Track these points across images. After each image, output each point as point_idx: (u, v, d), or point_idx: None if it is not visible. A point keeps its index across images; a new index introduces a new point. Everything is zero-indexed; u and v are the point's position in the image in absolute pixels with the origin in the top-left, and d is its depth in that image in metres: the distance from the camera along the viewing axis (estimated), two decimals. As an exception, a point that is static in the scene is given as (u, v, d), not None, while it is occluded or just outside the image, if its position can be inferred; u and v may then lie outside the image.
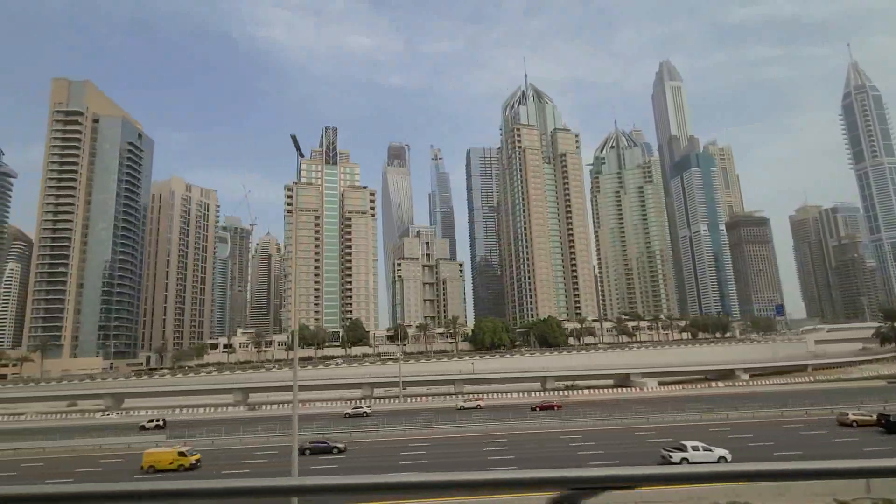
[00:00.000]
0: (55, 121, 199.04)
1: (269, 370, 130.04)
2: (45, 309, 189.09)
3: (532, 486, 2.79)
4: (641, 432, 60.18)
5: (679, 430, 58.39)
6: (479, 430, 63.28)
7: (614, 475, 2.78)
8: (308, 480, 2.74)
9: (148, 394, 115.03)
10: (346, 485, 2.69)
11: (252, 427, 68.63)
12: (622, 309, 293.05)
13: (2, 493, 2.61)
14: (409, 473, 2.67)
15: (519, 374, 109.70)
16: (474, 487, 2.83)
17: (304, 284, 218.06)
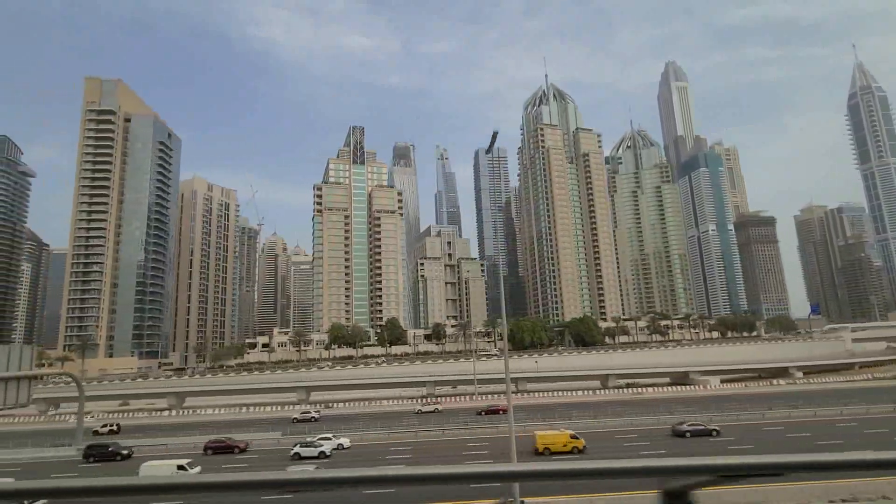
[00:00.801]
0: (88, 120, 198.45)
1: (332, 368, 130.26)
2: (80, 308, 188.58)
3: (638, 474, 2.82)
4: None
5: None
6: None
7: (725, 464, 2.76)
8: (301, 474, 2.74)
9: (210, 392, 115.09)
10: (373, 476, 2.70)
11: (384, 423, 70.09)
12: (640, 308, 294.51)
13: (6, 487, 2.65)
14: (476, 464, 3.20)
15: (582, 371, 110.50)
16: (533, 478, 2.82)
17: (335, 284, 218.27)
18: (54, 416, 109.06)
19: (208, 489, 2.74)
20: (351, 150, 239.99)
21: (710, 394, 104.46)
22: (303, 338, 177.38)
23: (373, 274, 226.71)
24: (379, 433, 64.29)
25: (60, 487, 2.72)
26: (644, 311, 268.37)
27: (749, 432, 58.65)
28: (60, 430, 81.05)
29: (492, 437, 60.38)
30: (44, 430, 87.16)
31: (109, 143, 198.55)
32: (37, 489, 2.70)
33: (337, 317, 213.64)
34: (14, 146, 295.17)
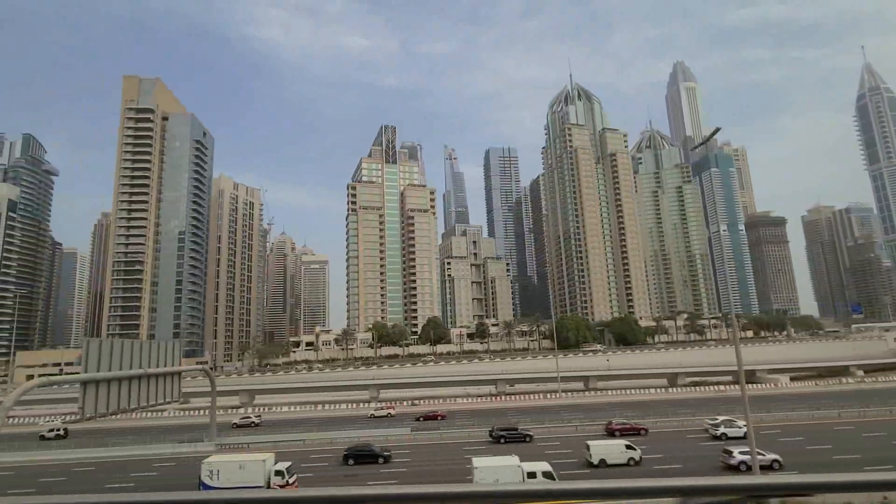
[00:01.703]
0: (127, 118, 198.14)
1: (403, 366, 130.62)
2: (122, 307, 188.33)
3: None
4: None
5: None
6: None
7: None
8: (309, 492, 2.64)
9: (283, 390, 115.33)
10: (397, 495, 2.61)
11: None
12: (660, 308, 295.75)
13: None
14: None
15: (649, 370, 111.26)
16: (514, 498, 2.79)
17: (371, 282, 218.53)
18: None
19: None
20: (383, 149, 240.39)
21: (779, 392, 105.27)
22: (349, 336, 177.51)
23: (407, 273, 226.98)
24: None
25: None
26: (665, 311, 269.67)
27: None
28: (180, 426, 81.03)
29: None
30: (159, 426, 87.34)
31: (148, 141, 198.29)
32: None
33: (373, 315, 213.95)
34: (38, 144, 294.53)
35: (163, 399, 53.17)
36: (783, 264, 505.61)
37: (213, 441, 62.41)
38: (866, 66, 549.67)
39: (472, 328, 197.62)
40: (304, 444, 61.35)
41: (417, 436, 64.32)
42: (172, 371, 55.35)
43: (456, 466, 45.24)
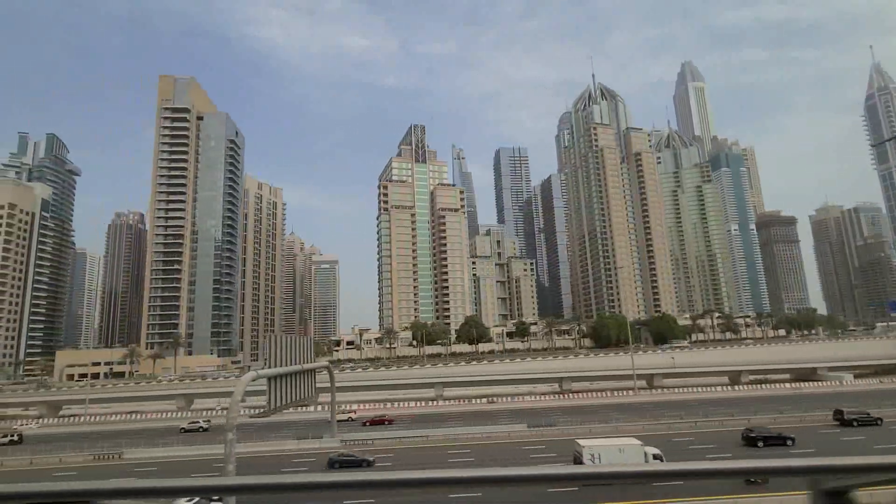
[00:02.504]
0: (163, 118, 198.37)
1: (468, 364, 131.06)
2: (161, 307, 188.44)
3: None
4: None
5: None
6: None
7: None
8: (300, 478, 2.75)
9: (353, 388, 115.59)
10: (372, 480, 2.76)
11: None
12: (681, 307, 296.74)
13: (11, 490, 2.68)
14: None
15: (711, 368, 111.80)
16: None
17: (404, 282, 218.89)
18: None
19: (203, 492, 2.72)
20: (413, 148, 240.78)
21: (848, 390, 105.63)
22: (392, 335, 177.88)
23: (438, 272, 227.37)
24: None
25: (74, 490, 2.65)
26: (685, 310, 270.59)
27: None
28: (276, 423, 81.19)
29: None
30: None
31: (185, 140, 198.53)
32: (32, 492, 2.64)
33: (407, 315, 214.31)
34: (61, 144, 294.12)
35: (307, 395, 53.57)
36: (794, 264, 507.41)
37: (335, 437, 62.85)
38: (875, 65, 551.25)
39: (512, 327, 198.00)
40: (427, 441, 61.77)
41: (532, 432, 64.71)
42: (318, 366, 55.96)
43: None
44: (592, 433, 61.59)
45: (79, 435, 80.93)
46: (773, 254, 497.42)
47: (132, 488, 2.68)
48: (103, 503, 2.73)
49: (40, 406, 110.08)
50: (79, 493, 2.66)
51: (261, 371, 40.22)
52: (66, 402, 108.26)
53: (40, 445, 66.42)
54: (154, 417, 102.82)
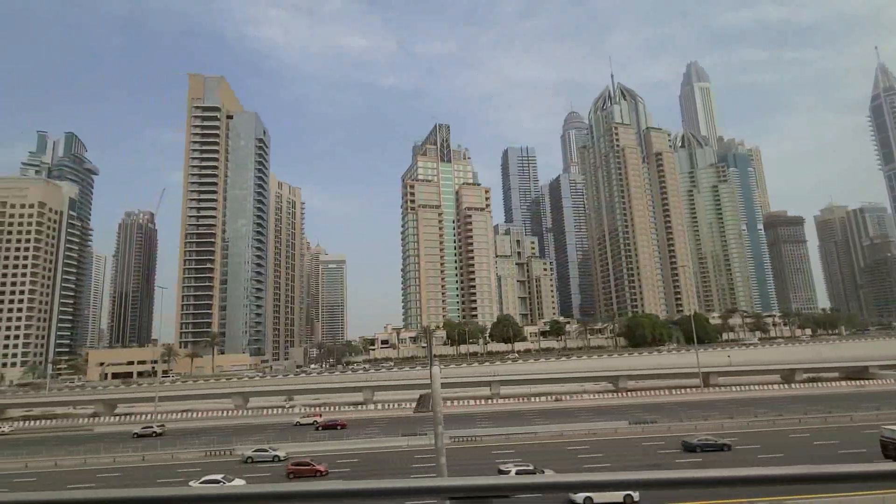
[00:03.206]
0: (194, 116, 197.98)
1: (525, 362, 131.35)
2: (195, 305, 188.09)
3: None
4: None
5: None
6: None
7: None
8: (308, 486, 2.73)
9: (400, 387, 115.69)
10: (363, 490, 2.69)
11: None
12: (699, 306, 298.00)
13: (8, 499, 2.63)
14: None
15: (765, 366, 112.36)
16: None
17: (432, 281, 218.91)
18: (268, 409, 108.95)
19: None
20: (438, 147, 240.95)
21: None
22: (428, 334, 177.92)
23: (464, 271, 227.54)
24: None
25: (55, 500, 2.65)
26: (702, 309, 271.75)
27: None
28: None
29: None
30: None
31: (215, 139, 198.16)
32: (31, 501, 2.65)
33: (434, 314, 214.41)
34: (80, 143, 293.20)
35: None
36: (801, 264, 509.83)
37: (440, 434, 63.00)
38: (880, 66, 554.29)
39: (545, 326, 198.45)
40: (537, 437, 62.10)
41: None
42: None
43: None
44: (698, 429, 62.09)
45: None
46: (780, 254, 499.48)
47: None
48: None
49: (97, 404, 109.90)
50: None
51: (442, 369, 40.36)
52: (134, 399, 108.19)
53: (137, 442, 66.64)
54: (214, 416, 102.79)
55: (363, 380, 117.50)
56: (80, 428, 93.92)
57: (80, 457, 59.59)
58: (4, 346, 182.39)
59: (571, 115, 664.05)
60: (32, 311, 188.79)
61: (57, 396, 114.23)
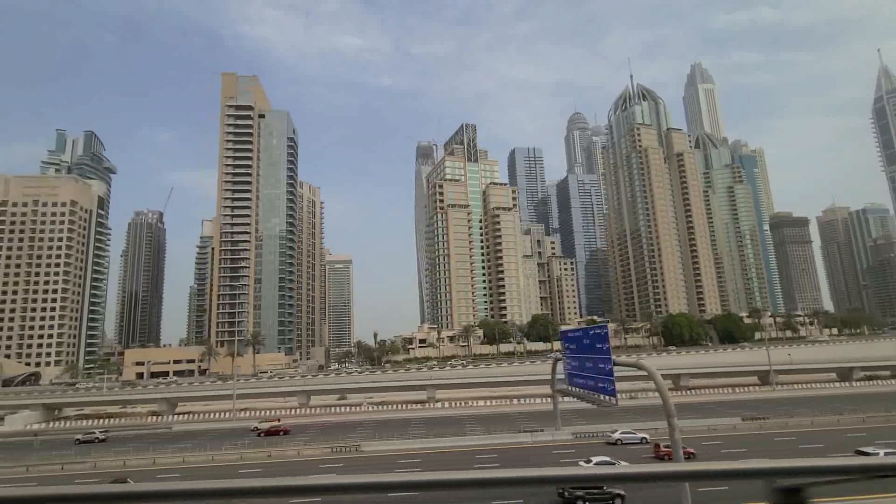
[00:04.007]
0: (227, 115, 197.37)
1: None
2: (230, 304, 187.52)
3: None
4: None
5: None
6: None
7: None
8: (305, 480, 2.75)
9: (460, 385, 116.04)
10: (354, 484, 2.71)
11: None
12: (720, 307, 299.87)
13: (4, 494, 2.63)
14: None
15: (825, 364, 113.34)
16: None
17: (462, 280, 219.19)
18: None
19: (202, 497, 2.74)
20: (465, 147, 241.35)
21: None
22: (470, 333, 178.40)
23: (492, 271, 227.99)
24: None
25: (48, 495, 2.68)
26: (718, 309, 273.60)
27: None
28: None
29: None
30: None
31: (249, 139, 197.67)
32: (31, 496, 2.68)
33: (465, 314, 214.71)
34: (98, 141, 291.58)
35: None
36: (807, 264, 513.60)
37: (560, 430, 63.57)
38: (883, 69, 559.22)
39: (583, 325, 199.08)
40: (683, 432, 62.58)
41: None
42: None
43: None
44: (790, 426, 62.98)
45: (216, 432, 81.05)
46: (785, 254, 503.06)
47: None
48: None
49: (161, 402, 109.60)
50: None
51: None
52: (208, 397, 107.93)
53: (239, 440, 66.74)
54: (282, 414, 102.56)
55: (426, 378, 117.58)
56: (157, 426, 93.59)
57: (206, 453, 59.60)
58: (38, 345, 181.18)
59: (575, 116, 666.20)
60: (65, 311, 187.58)
61: (125, 394, 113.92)
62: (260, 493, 2.73)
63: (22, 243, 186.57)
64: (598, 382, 46.09)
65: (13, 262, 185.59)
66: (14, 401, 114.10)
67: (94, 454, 60.24)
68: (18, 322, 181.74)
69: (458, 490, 2.83)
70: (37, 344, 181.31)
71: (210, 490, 2.71)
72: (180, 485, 2.70)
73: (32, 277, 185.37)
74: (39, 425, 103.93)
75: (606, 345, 43.93)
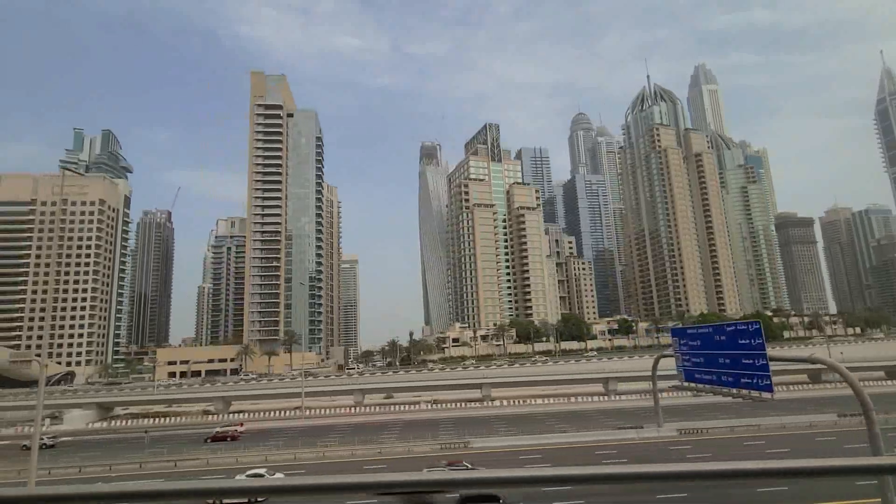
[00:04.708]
0: (257, 115, 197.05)
1: (640, 358, 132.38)
2: (261, 304, 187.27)
3: None
4: None
5: None
6: None
7: None
8: (288, 481, 2.74)
9: (513, 384, 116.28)
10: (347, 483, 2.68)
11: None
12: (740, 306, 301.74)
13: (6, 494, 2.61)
14: None
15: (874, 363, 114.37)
16: None
17: (489, 280, 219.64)
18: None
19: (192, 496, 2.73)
20: (488, 147, 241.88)
21: None
22: (504, 332, 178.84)
23: (517, 270, 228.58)
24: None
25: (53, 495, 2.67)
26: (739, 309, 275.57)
27: None
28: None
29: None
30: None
31: (279, 137, 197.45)
32: (30, 496, 2.66)
33: (492, 313, 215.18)
34: (115, 140, 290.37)
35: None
36: (812, 264, 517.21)
37: (662, 426, 64.00)
38: (886, 70, 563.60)
39: (614, 324, 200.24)
40: (786, 429, 63.40)
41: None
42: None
43: None
44: None
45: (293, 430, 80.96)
46: (791, 254, 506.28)
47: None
48: None
49: (217, 402, 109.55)
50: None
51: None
52: (274, 395, 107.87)
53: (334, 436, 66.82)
54: (345, 413, 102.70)
55: (480, 376, 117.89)
56: (227, 424, 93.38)
57: (317, 450, 59.72)
58: (69, 344, 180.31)
59: (579, 117, 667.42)
60: (95, 310, 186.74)
61: (181, 393, 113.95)
62: None
63: (51, 242, 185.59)
64: (742, 378, 46.58)
65: (42, 260, 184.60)
66: (70, 399, 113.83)
67: (226, 451, 60.27)
68: (49, 321, 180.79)
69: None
70: (67, 343, 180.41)
71: (209, 489, 2.67)
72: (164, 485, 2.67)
73: (62, 277, 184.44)
74: (100, 423, 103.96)
75: (759, 340, 44.41)
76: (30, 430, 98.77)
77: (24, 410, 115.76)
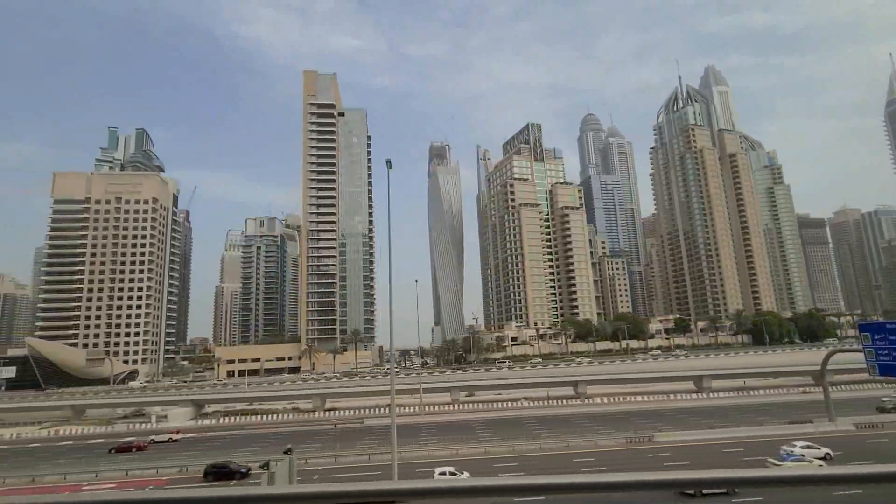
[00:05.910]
0: (310, 113, 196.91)
1: (736, 356, 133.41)
2: (318, 303, 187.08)
3: None
4: None
5: None
6: None
7: None
8: (302, 488, 2.66)
9: (606, 381, 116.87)
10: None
11: None
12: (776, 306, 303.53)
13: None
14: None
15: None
16: None
17: (537, 279, 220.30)
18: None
19: None
20: (531, 146, 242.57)
21: None
22: (564, 331, 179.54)
23: (562, 269, 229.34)
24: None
25: None
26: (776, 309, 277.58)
27: None
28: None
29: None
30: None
31: (332, 137, 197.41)
32: None
33: (539, 313, 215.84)
34: (149, 139, 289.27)
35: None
36: (825, 265, 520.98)
37: (834, 420, 64.61)
38: (895, 72, 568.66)
39: (669, 324, 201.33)
40: None
41: None
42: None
43: None
44: None
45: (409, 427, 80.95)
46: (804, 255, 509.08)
47: (440, 488, 2.64)
48: None
49: (315, 399, 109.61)
50: (385, 492, 2.68)
51: None
52: (366, 393, 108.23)
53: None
54: (439, 410, 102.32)
55: (571, 374, 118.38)
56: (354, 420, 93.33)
57: (479, 446, 60.10)
58: (125, 342, 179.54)
59: (588, 118, 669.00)
60: (150, 308, 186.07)
61: (281, 390, 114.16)
62: None
63: (106, 241, 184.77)
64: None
65: (98, 258, 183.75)
66: (164, 397, 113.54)
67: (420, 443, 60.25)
68: (105, 319, 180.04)
69: None
70: (123, 342, 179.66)
71: (209, 498, 2.58)
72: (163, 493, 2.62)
73: (118, 275, 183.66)
74: (203, 421, 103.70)
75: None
76: (141, 427, 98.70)
77: (107, 408, 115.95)
